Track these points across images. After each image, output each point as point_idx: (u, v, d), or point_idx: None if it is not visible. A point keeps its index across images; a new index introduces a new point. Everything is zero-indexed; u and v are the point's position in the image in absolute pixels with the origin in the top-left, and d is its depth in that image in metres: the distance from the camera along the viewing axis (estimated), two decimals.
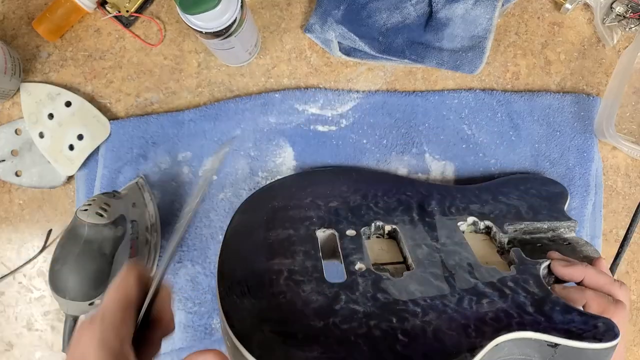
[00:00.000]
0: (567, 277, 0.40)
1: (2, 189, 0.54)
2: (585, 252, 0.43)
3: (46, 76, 0.54)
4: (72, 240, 0.41)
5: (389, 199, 0.45)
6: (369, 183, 0.47)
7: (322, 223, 0.42)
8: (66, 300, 0.40)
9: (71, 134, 0.52)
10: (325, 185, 0.46)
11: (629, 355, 0.55)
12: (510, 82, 0.55)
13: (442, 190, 0.47)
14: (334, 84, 0.55)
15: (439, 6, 0.51)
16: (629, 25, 0.54)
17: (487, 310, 0.36)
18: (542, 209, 0.46)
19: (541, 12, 0.55)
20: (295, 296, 0.36)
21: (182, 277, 0.52)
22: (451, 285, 0.38)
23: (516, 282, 0.39)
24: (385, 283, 0.38)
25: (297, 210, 0.43)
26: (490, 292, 0.38)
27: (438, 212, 0.45)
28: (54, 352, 0.54)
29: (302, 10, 0.55)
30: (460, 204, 0.46)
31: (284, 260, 0.39)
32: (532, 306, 0.37)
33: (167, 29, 0.54)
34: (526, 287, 0.38)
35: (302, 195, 0.45)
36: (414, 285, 0.38)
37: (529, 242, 0.44)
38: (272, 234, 0.41)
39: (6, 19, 0.54)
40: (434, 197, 0.47)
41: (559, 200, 0.48)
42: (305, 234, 0.41)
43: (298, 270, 0.38)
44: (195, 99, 0.54)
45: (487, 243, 0.45)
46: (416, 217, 0.44)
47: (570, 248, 0.44)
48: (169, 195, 0.52)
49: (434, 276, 0.39)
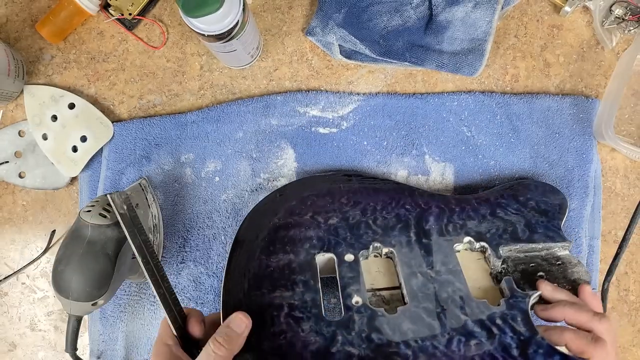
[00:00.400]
0: (548, 320, 0.40)
1: (5, 190, 0.55)
2: (576, 273, 0.45)
3: (49, 78, 0.54)
4: (76, 241, 0.41)
5: (387, 215, 0.46)
6: (368, 194, 0.47)
7: (322, 245, 0.43)
8: (69, 301, 0.41)
9: (74, 135, 0.52)
10: (325, 198, 0.47)
11: (628, 355, 0.55)
12: (509, 84, 0.55)
13: (440, 203, 0.47)
14: (335, 87, 0.55)
15: (439, 9, 0.51)
16: (628, 27, 0.54)
17: (474, 354, 0.38)
18: (539, 226, 0.47)
19: (540, 15, 0.56)
20: (295, 337, 0.38)
21: (184, 278, 0.52)
22: (442, 324, 0.40)
23: (504, 319, 0.40)
24: (380, 321, 0.39)
25: (297, 230, 0.44)
26: (479, 332, 0.39)
27: (435, 232, 0.45)
28: (57, 352, 0.54)
29: (303, 13, 0.55)
30: (457, 221, 0.46)
31: (284, 293, 0.40)
32: (517, 348, 0.38)
33: (169, 31, 0.55)
34: (513, 326, 0.40)
35: (302, 210, 0.46)
36: (407, 324, 0.39)
37: (522, 262, 0.45)
38: (273, 259, 0.42)
39: (10, 22, 0.54)
40: (432, 211, 0.47)
41: (556, 214, 0.48)
42: (305, 259, 0.42)
43: (298, 306, 0.40)
44: (198, 101, 0.55)
45: (481, 264, 0.46)
46: (413, 238, 0.45)
47: (562, 268, 0.45)
48: (171, 196, 0.53)
49: (426, 312, 0.40)
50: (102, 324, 0.52)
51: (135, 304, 0.52)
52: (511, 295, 0.42)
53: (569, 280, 0.44)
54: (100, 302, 0.42)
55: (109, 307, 0.52)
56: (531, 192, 0.50)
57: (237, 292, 0.40)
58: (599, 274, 0.54)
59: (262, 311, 0.39)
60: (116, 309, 0.52)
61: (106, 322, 0.52)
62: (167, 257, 0.52)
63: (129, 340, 0.52)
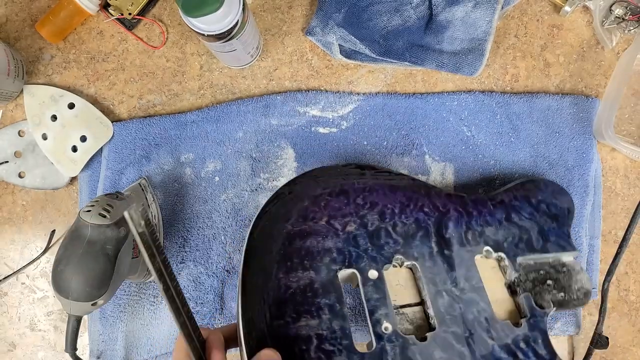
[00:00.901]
0: None
1: (5, 190, 0.55)
2: (579, 282, 0.46)
3: (49, 78, 0.54)
4: (75, 241, 0.41)
5: (407, 219, 0.43)
6: (385, 193, 0.44)
7: (343, 260, 0.40)
8: (69, 301, 0.41)
9: (74, 135, 0.52)
10: (339, 198, 0.43)
11: (628, 355, 0.55)
12: (509, 84, 0.55)
13: (458, 206, 0.45)
14: (335, 86, 0.55)
15: (439, 9, 0.51)
16: (628, 27, 0.54)
17: None
18: (551, 234, 0.47)
19: (540, 15, 0.56)
20: None
21: (184, 278, 0.52)
22: (471, 350, 0.39)
23: (527, 342, 0.40)
24: (412, 351, 0.37)
25: (314, 239, 0.40)
26: (506, 358, 0.39)
27: (456, 241, 0.44)
28: (57, 352, 0.54)
29: (303, 13, 0.55)
30: (476, 227, 0.45)
31: (310, 321, 0.36)
32: None
33: (169, 31, 0.55)
34: (536, 349, 0.40)
35: (317, 214, 0.41)
36: (439, 352, 0.38)
37: (532, 269, 0.45)
38: (292, 279, 0.38)
39: (9, 21, 0.54)
40: (451, 215, 0.44)
41: (565, 220, 0.48)
42: (327, 278, 0.39)
43: (327, 337, 0.36)
44: (198, 101, 0.55)
45: (496, 273, 0.45)
46: (435, 249, 0.43)
47: (567, 275, 0.46)
48: (171, 196, 0.53)
49: (455, 338, 0.39)
50: (101, 324, 0.52)
51: (135, 304, 0.52)
52: (531, 314, 0.42)
53: (574, 290, 0.45)
54: (100, 302, 0.42)
55: (108, 307, 0.52)
56: (541, 192, 0.49)
57: (259, 322, 0.35)
58: (599, 274, 0.54)
59: (290, 345, 0.35)
60: (116, 309, 0.52)
61: (106, 322, 0.52)
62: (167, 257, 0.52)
63: (128, 340, 0.52)
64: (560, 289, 0.44)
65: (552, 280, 0.45)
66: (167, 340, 0.51)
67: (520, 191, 0.49)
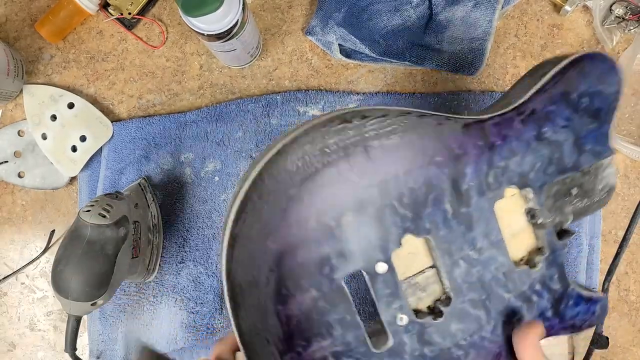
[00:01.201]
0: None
1: (5, 190, 0.55)
2: (605, 178, 0.40)
3: (49, 78, 0.54)
4: (75, 241, 0.41)
5: (415, 184, 0.34)
6: (383, 154, 0.33)
7: (345, 261, 0.33)
8: (69, 301, 0.41)
9: (74, 135, 0.52)
10: (327, 186, 0.32)
11: (629, 355, 0.55)
12: (510, 83, 0.55)
13: (477, 138, 0.36)
14: (335, 86, 0.55)
15: (439, 9, 0.51)
16: (628, 27, 0.54)
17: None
18: (588, 140, 0.39)
19: (540, 15, 0.56)
20: None
21: (184, 278, 0.52)
22: (487, 311, 0.36)
23: (543, 282, 0.37)
24: (429, 333, 0.35)
25: (307, 251, 0.32)
26: (520, 306, 0.37)
27: (475, 191, 0.36)
28: (57, 352, 0.54)
29: (303, 12, 0.55)
30: (499, 162, 0.36)
31: (323, 343, 0.32)
32: (551, 309, 0.37)
33: (169, 31, 0.55)
34: (550, 287, 0.37)
35: (301, 215, 0.31)
36: (455, 324, 0.35)
37: (556, 184, 0.39)
38: (293, 306, 0.31)
39: (9, 21, 0.54)
40: (469, 155, 0.36)
41: (609, 112, 0.40)
42: (330, 289, 0.32)
43: (343, 352, 0.32)
44: (197, 100, 0.55)
45: (516, 201, 0.39)
46: (450, 212, 0.35)
47: (593, 176, 0.40)
48: (171, 196, 0.53)
49: (472, 304, 0.36)
50: (101, 324, 0.52)
51: (134, 304, 0.52)
52: (550, 251, 0.37)
53: (597, 191, 0.39)
54: (99, 302, 0.42)
55: (108, 307, 0.52)
56: (585, 79, 0.39)
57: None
58: (599, 274, 0.54)
59: None
60: (116, 309, 0.52)
61: (105, 322, 0.52)
62: (166, 257, 0.52)
63: (128, 340, 0.52)
64: (583, 194, 0.39)
65: (577, 187, 0.39)
66: (166, 340, 0.51)
67: (559, 86, 0.38)
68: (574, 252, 0.53)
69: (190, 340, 0.51)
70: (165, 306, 0.52)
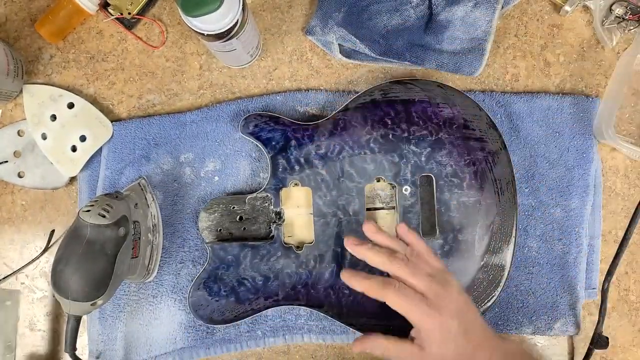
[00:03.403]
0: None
1: (4, 189, 0.55)
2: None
3: (49, 78, 0.54)
4: (75, 240, 0.41)
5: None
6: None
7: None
8: (68, 301, 0.41)
9: (74, 135, 0.52)
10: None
11: (629, 355, 0.55)
12: (509, 83, 0.55)
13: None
14: (335, 86, 0.55)
15: (439, 9, 0.51)
16: (628, 27, 0.54)
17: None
18: None
19: (540, 14, 0.56)
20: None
21: (184, 278, 0.52)
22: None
23: None
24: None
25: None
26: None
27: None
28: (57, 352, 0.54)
29: (303, 12, 0.55)
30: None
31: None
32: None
33: (169, 31, 0.55)
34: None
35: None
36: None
37: None
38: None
39: (9, 21, 0.54)
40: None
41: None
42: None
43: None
44: (197, 100, 0.55)
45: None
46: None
47: None
48: (170, 196, 0.53)
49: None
50: (101, 324, 0.52)
51: (134, 304, 0.52)
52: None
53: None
54: (99, 302, 0.42)
55: (108, 307, 0.52)
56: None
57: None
58: (599, 274, 0.54)
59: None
60: (115, 309, 0.52)
61: (105, 322, 0.52)
62: (166, 257, 0.52)
63: (128, 340, 0.52)
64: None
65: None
66: (166, 340, 0.51)
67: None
68: (574, 252, 0.53)
69: (189, 340, 0.51)
70: (165, 306, 0.52)
